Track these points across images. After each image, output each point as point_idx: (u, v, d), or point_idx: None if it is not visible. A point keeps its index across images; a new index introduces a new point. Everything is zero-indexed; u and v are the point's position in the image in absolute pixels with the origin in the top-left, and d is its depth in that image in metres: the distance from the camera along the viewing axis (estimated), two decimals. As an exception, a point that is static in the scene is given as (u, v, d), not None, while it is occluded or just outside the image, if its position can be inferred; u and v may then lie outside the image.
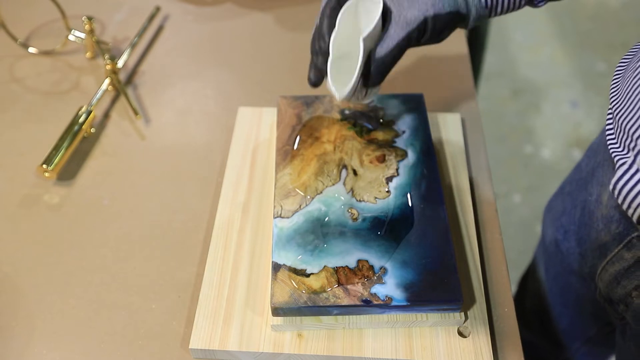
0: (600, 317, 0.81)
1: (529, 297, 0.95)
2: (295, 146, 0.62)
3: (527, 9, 0.61)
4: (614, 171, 0.51)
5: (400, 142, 0.63)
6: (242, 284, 0.56)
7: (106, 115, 0.75)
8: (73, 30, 0.81)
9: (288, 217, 0.57)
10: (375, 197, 0.58)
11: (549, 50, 2.13)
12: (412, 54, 0.82)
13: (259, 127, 0.70)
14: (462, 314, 0.53)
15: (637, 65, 0.53)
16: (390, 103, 0.66)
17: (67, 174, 0.68)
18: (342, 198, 0.58)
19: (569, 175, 0.78)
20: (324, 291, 0.52)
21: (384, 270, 0.53)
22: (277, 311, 0.51)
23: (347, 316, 0.53)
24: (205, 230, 0.63)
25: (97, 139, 0.72)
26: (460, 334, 0.53)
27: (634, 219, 0.51)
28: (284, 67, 0.81)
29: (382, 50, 0.55)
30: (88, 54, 0.82)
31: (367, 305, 0.51)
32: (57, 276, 0.60)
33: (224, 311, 0.55)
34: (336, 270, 0.53)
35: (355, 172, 0.60)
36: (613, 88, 0.56)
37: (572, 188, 0.75)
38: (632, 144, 0.50)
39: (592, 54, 2.11)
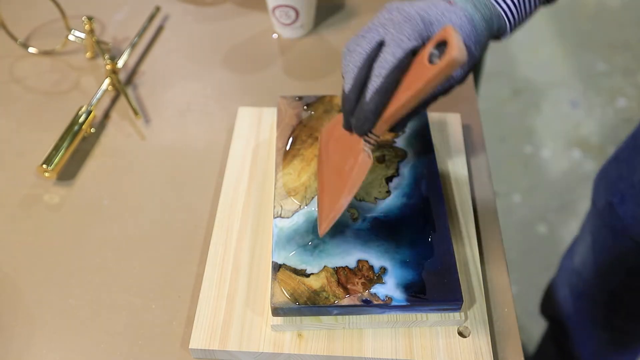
0: None
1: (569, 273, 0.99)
2: (295, 146, 0.62)
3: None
4: None
5: (400, 142, 0.63)
6: (242, 284, 0.56)
7: (106, 115, 0.75)
8: (73, 30, 0.81)
9: (288, 217, 0.57)
10: (375, 197, 0.58)
11: (549, 50, 2.13)
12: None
13: (259, 127, 0.70)
14: (462, 314, 0.53)
15: None
16: (390, 103, 0.66)
17: (67, 174, 0.68)
18: (342, 198, 0.58)
19: (623, 143, 0.82)
20: (324, 291, 0.52)
21: (383, 270, 0.53)
22: (277, 311, 0.51)
23: (347, 316, 0.53)
24: (205, 230, 0.63)
25: (97, 139, 0.72)
26: (460, 334, 0.53)
27: None
28: (284, 67, 0.81)
29: None
30: (88, 54, 0.82)
31: (367, 305, 0.51)
32: (57, 276, 0.60)
33: (224, 311, 0.55)
34: (336, 270, 0.53)
35: (355, 172, 0.60)
36: None
37: (628, 155, 0.79)
38: None
39: (592, 54, 2.11)
